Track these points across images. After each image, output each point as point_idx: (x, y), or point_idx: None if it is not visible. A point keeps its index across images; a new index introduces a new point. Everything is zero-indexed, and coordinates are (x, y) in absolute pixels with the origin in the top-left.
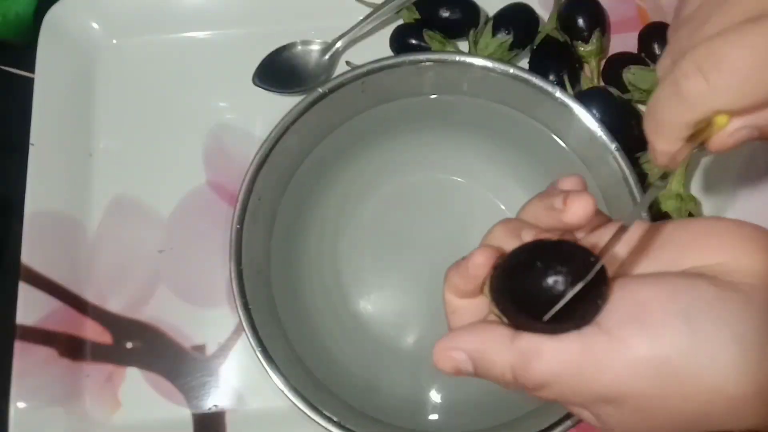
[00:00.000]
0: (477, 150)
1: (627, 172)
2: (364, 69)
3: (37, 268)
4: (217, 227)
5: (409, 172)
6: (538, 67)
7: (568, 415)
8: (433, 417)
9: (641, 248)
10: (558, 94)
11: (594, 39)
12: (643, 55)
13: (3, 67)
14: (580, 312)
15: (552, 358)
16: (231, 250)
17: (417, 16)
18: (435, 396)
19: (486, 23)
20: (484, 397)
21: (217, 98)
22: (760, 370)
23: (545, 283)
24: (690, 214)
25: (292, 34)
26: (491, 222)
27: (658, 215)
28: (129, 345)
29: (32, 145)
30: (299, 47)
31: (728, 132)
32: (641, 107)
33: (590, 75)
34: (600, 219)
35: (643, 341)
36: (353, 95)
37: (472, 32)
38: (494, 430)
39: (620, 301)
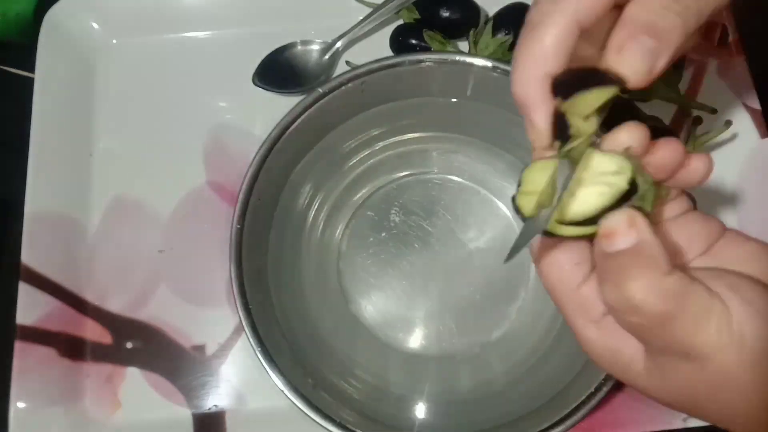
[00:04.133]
0: (477, 149)
1: None
2: (364, 69)
3: (37, 268)
4: (217, 227)
5: (408, 172)
6: None
7: (568, 415)
8: (433, 417)
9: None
10: None
11: None
12: None
13: (3, 67)
14: None
15: None
16: (231, 250)
17: (417, 16)
18: (435, 396)
19: (486, 23)
20: (484, 397)
21: (217, 98)
22: None
23: None
24: None
25: (292, 34)
26: (491, 222)
27: None
28: (129, 345)
29: (31, 139)
30: (299, 47)
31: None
32: (640, 106)
33: None
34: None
35: None
36: (353, 95)
37: (472, 32)
38: (494, 430)
39: None
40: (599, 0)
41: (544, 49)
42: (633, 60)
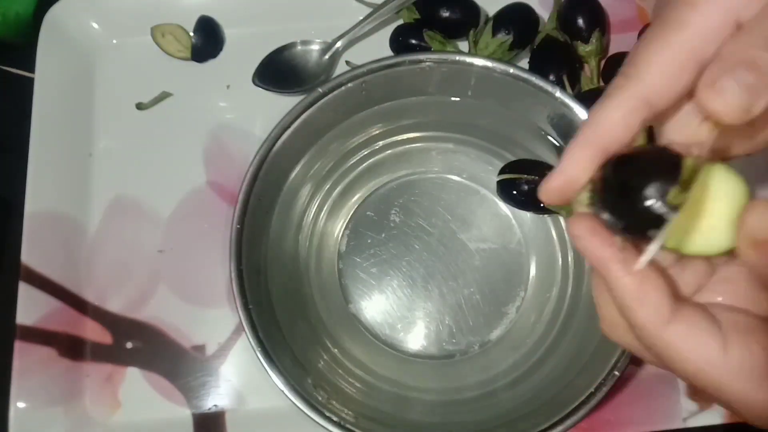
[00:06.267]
0: (477, 149)
1: None
2: (364, 69)
3: (37, 268)
4: (217, 227)
5: (408, 172)
6: (538, 67)
7: (568, 415)
8: (433, 417)
9: None
10: (558, 94)
11: (594, 39)
12: None
13: (3, 67)
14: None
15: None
16: (231, 250)
17: (417, 16)
18: (434, 396)
19: (486, 23)
20: (484, 396)
21: (217, 98)
22: None
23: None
24: None
25: (292, 34)
26: (490, 221)
27: None
28: (129, 345)
29: (31, 139)
30: (299, 47)
31: None
32: None
33: (590, 75)
34: None
35: None
36: (353, 95)
37: (472, 32)
38: (494, 430)
39: None
40: (673, 84)
41: (605, 126)
42: (729, 95)
